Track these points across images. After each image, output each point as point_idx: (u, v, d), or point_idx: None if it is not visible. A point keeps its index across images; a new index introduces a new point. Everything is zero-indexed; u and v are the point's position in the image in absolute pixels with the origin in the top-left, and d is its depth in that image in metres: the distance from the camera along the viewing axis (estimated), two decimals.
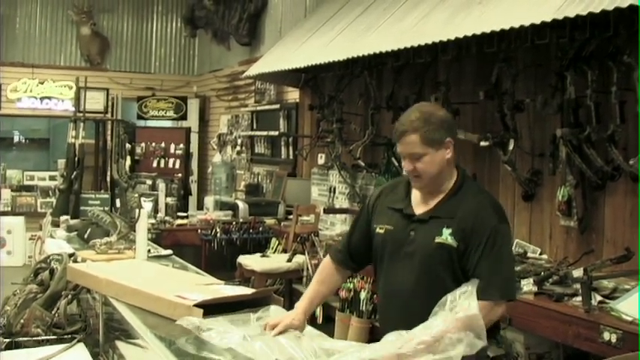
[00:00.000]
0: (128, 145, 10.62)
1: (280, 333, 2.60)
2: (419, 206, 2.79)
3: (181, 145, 11.44)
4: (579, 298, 3.69)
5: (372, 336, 5.06)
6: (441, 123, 2.71)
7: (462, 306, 2.47)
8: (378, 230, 2.86)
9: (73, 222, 5.73)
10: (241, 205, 7.81)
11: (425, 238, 2.71)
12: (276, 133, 9.00)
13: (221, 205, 8.24)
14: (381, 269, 2.87)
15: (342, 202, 7.16)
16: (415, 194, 2.83)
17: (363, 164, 6.69)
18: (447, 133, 2.72)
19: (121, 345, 3.47)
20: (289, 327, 2.66)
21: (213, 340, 2.50)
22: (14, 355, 3.34)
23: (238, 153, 10.40)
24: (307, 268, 6.05)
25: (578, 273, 3.95)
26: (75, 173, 6.89)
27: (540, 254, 4.83)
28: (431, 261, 2.65)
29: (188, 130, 11.73)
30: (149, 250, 4.29)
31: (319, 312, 5.75)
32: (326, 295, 3.06)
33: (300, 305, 2.86)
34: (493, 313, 2.60)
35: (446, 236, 2.66)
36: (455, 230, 2.65)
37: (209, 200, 8.56)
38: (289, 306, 5.25)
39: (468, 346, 2.38)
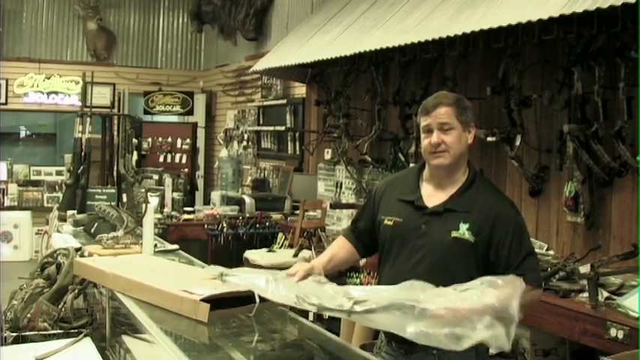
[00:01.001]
0: (135, 140, 10.63)
1: (303, 278, 2.61)
2: (430, 198, 2.78)
3: (188, 140, 11.45)
4: (586, 295, 3.68)
5: (378, 332, 5.05)
6: (470, 107, 2.80)
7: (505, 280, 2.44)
8: (386, 222, 2.85)
9: (79, 217, 5.74)
10: (248, 200, 7.82)
11: (439, 231, 2.70)
12: (283, 128, 9.01)
13: (227, 200, 8.24)
14: (387, 260, 2.85)
15: (348, 197, 7.15)
16: (425, 186, 2.83)
17: (369, 159, 6.69)
18: (472, 118, 2.81)
19: (127, 339, 3.47)
20: (310, 271, 2.67)
21: (234, 284, 2.56)
22: (21, 349, 3.35)
23: (245, 148, 10.41)
24: None
25: (584, 269, 3.94)
26: (81, 168, 6.91)
27: (547, 250, 4.83)
28: (445, 255, 2.65)
29: (194, 125, 11.75)
30: (156, 245, 4.30)
31: None
32: (343, 261, 3.03)
33: (320, 260, 2.88)
34: (533, 297, 2.65)
35: (463, 231, 2.66)
36: (472, 225, 2.66)
37: (215, 195, 8.56)
38: None
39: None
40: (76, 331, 3.51)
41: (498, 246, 2.64)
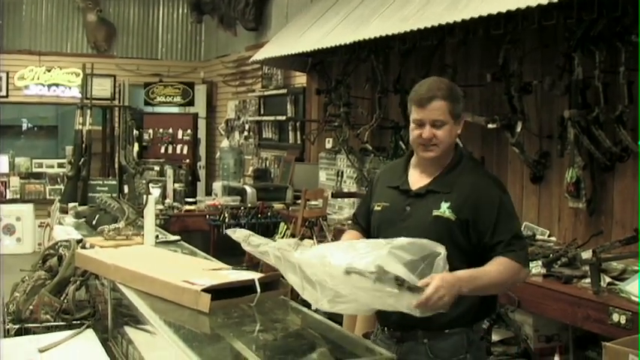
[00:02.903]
0: (135, 132, 10.68)
1: None
2: (416, 182, 2.80)
3: (189, 131, 11.44)
4: (588, 280, 3.68)
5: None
6: (461, 98, 2.76)
7: None
8: (375, 208, 2.87)
9: (81, 209, 5.74)
10: (249, 190, 7.81)
11: (421, 212, 2.71)
12: (284, 117, 9.00)
13: (229, 191, 8.23)
14: None
15: (350, 186, 7.14)
16: (412, 171, 2.84)
17: (370, 148, 6.68)
18: (462, 109, 2.77)
19: (129, 330, 3.48)
20: None
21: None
22: (24, 341, 3.36)
23: (246, 138, 10.41)
24: None
25: (586, 255, 3.93)
26: (82, 160, 6.91)
27: (549, 236, 4.82)
28: (427, 235, 2.56)
29: (195, 116, 11.73)
30: (157, 236, 4.30)
31: None
32: None
33: None
34: (521, 275, 2.65)
35: (444, 209, 2.66)
36: (454, 204, 2.66)
37: (217, 186, 8.56)
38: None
39: None
40: (78, 322, 3.52)
41: (484, 224, 2.64)
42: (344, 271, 2.32)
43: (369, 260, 2.33)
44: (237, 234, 2.76)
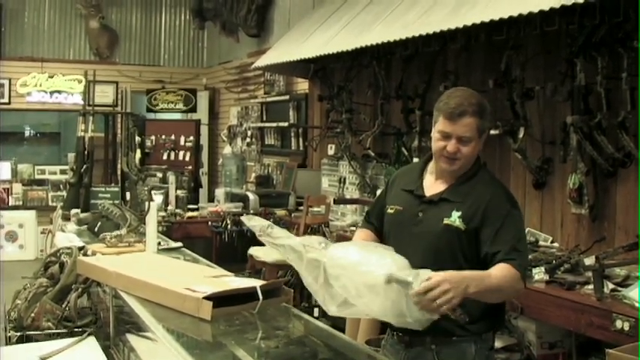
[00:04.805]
0: (138, 138, 10.68)
1: None
2: (430, 188, 2.78)
3: (191, 138, 11.43)
4: (591, 287, 3.67)
5: (384, 325, 5.04)
6: (490, 114, 2.74)
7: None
8: (388, 210, 2.86)
9: (83, 215, 5.73)
10: (252, 196, 7.81)
11: (433, 219, 2.70)
12: (286, 124, 9.00)
13: (232, 197, 8.24)
14: None
15: (352, 192, 7.14)
16: (428, 177, 2.83)
17: (373, 154, 6.68)
18: (491, 121, 2.77)
19: (131, 338, 3.48)
20: None
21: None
22: (25, 348, 3.35)
23: (248, 145, 10.40)
24: None
25: (589, 261, 3.93)
26: (85, 167, 6.90)
27: (552, 242, 4.81)
28: (438, 243, 2.62)
29: (198, 123, 11.73)
30: (159, 243, 4.29)
31: None
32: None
33: None
34: (519, 287, 2.60)
35: (455, 218, 2.64)
36: (464, 214, 2.64)
37: (220, 192, 8.57)
38: (300, 298, 5.26)
39: None
40: (80, 330, 3.52)
41: (486, 234, 2.62)
42: (385, 280, 2.31)
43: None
44: (254, 222, 2.71)
